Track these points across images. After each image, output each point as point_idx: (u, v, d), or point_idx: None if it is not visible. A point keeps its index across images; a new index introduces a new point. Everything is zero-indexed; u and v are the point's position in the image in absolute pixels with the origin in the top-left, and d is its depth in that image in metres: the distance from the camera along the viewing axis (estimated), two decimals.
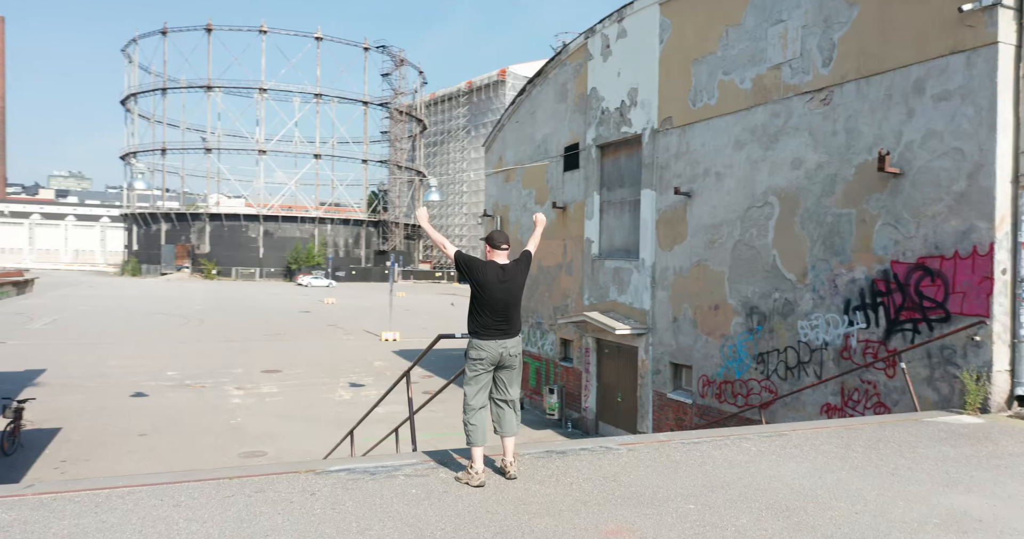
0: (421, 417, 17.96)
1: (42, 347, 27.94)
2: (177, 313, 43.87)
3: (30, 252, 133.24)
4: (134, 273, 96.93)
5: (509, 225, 20.67)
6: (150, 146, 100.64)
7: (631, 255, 15.11)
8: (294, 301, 56.86)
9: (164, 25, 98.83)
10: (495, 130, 21.77)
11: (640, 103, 14.72)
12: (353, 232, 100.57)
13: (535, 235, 5.90)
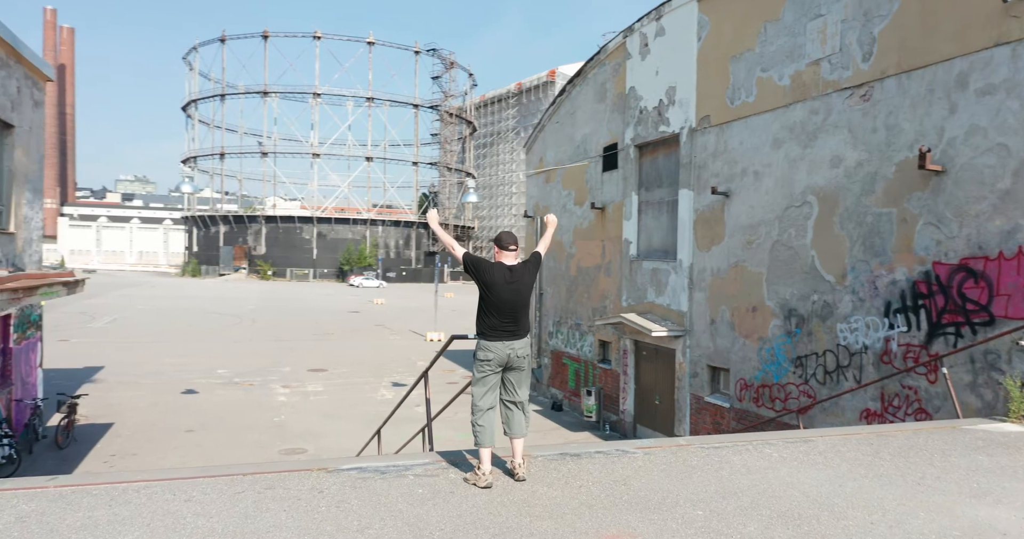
0: (453, 416, 18.10)
1: (102, 345, 29.03)
2: (231, 313, 45.10)
3: (97, 253, 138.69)
4: (194, 274, 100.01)
5: None
6: (209, 151, 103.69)
7: (669, 256, 14.91)
8: (344, 301, 57.85)
9: (223, 33, 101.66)
10: (536, 131, 21.76)
11: (678, 102, 14.52)
12: (403, 233, 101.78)
13: (546, 236, 5.86)
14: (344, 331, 36.40)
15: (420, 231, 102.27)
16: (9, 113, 13.69)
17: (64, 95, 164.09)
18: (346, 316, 45.10)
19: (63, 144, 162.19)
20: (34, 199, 15.28)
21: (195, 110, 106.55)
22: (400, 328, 38.58)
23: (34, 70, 14.96)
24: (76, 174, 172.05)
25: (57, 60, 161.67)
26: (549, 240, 5.90)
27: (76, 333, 32.74)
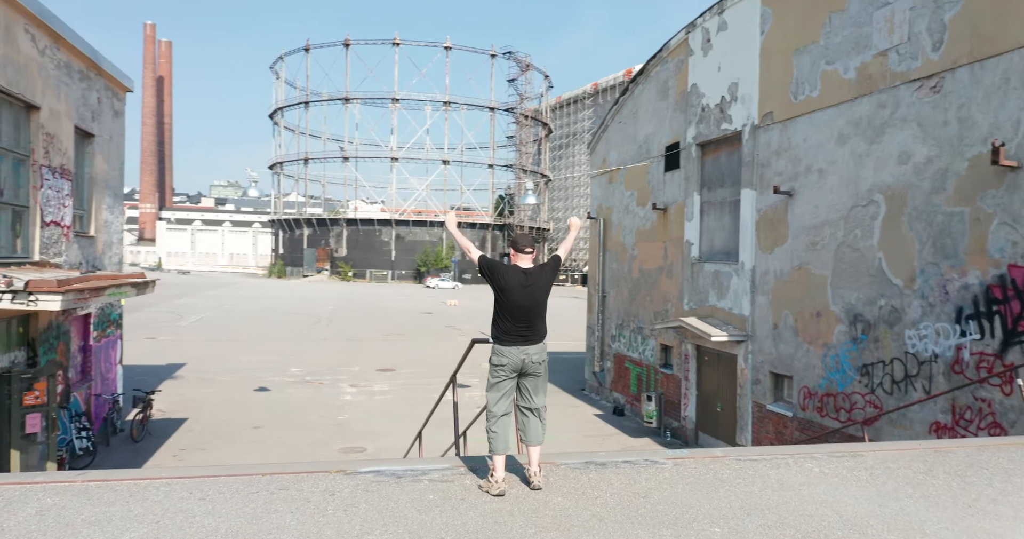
0: None
1: (186, 343, 30.40)
2: (310, 313, 46.50)
3: (192, 255, 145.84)
4: (279, 275, 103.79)
5: (612, 227, 20.30)
6: (295, 156, 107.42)
7: (731, 258, 14.40)
8: (419, 303, 58.76)
9: (307, 42, 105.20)
10: (599, 131, 21.48)
11: (740, 98, 14.01)
12: (479, 235, 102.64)
13: (568, 239, 5.71)
14: (415, 332, 36.94)
15: (495, 233, 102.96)
16: (90, 123, 14.46)
17: (162, 105, 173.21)
18: (419, 317, 45.79)
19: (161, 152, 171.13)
20: (114, 204, 16.10)
21: (281, 117, 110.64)
22: (470, 329, 38.85)
23: (114, 81, 15.76)
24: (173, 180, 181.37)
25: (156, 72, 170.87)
26: (571, 243, 5.74)
27: (164, 331, 34.41)
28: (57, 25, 12.43)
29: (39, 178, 12.06)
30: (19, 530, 4.19)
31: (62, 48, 12.84)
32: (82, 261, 14.12)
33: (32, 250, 12.00)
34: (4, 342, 11.31)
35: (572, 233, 5.75)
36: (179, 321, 39.24)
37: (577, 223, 5.85)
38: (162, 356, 26.45)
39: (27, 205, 11.91)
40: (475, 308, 53.89)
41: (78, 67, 13.70)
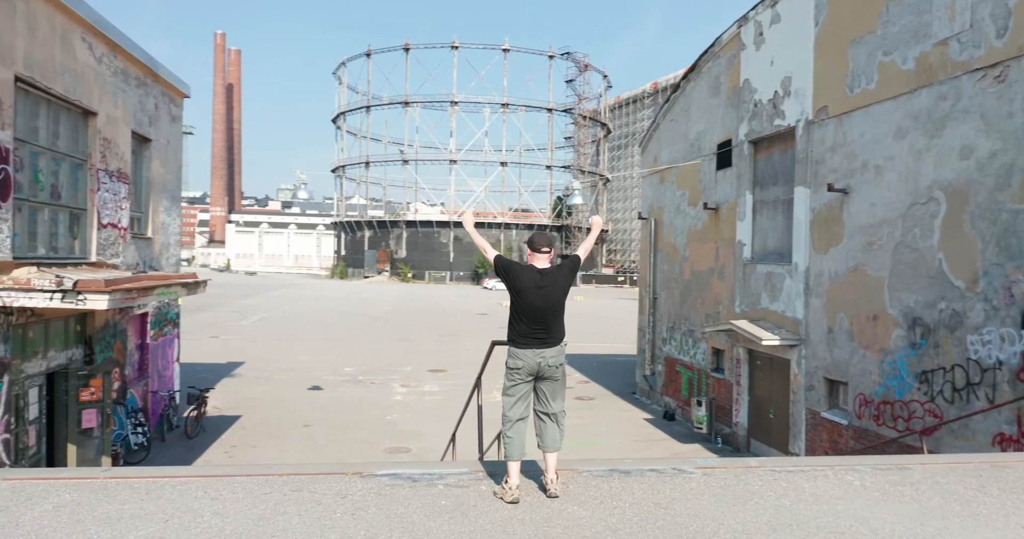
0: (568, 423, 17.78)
1: (247, 342, 31.21)
2: (367, 313, 47.21)
3: (259, 257, 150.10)
4: (341, 276, 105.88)
5: (663, 228, 19.87)
6: (356, 160, 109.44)
7: (784, 259, 13.88)
8: (475, 304, 59.02)
9: (368, 48, 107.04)
10: (650, 129, 21.07)
11: (794, 93, 13.49)
12: None
13: (588, 239, 5.51)
14: (469, 333, 37.05)
15: (553, 234, 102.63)
16: (147, 128, 14.92)
17: (231, 112, 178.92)
18: (474, 318, 45.95)
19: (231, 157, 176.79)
20: (171, 206, 16.58)
21: (343, 122, 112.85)
22: None
23: (171, 87, 16.24)
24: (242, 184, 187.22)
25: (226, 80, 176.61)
26: (592, 243, 5.54)
27: (227, 330, 35.41)
28: (114, 33, 12.85)
29: (96, 181, 12.48)
30: (32, 525, 4.25)
31: (119, 56, 13.26)
32: (139, 262, 14.57)
33: (89, 251, 12.42)
34: (62, 340, 11.73)
35: (593, 233, 5.56)
36: (242, 321, 40.35)
37: (598, 221, 5.65)
38: (223, 355, 27.19)
39: (84, 208, 12.33)
40: None
41: (135, 74, 14.14)
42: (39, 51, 10.37)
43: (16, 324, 9.91)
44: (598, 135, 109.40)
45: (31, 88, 10.38)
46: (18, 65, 9.81)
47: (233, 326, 37.39)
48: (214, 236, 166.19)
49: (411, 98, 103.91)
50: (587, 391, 22.06)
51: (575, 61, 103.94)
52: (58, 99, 11.17)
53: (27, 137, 10.49)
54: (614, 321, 45.81)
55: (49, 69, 10.68)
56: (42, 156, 11.01)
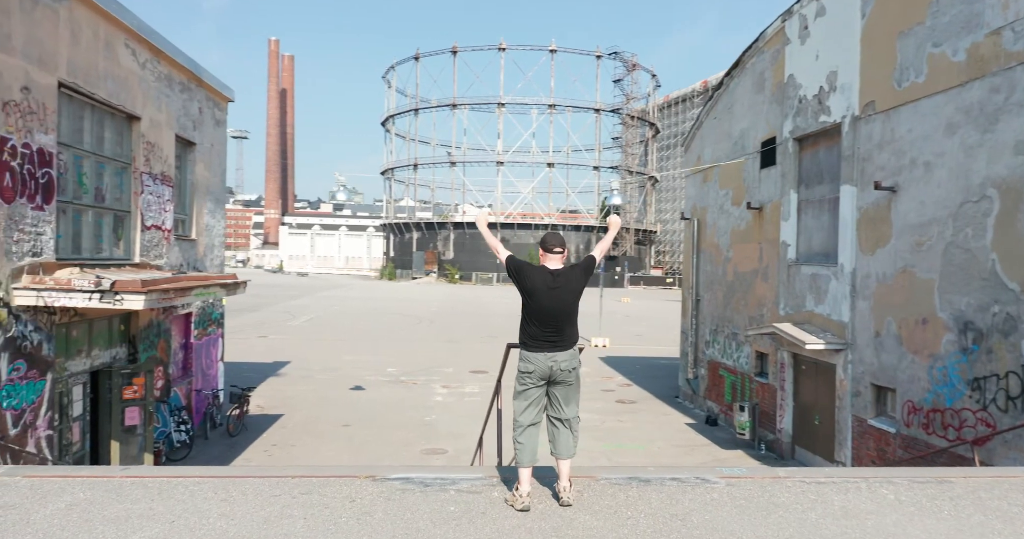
0: (600, 424, 17.56)
1: (294, 342, 31.72)
2: (413, 314, 47.57)
3: (311, 258, 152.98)
4: (390, 277, 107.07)
5: (706, 228, 19.45)
6: (405, 162, 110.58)
7: (829, 260, 13.40)
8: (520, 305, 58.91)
9: (416, 51, 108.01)
10: (693, 128, 20.65)
11: (840, 88, 13.02)
12: (584, 238, 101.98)
13: (605, 239, 5.35)
14: (512, 334, 36.79)
15: (600, 235, 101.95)
16: (191, 132, 15.24)
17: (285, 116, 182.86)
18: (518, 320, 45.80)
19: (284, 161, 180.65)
20: (215, 209, 16.91)
21: (392, 125, 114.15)
22: None
23: (215, 92, 16.56)
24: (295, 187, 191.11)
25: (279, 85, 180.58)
26: (608, 243, 5.38)
27: (276, 330, 36.06)
28: (157, 39, 13.14)
29: (140, 184, 12.77)
30: (43, 524, 4.29)
31: (162, 61, 13.56)
32: (183, 263, 14.87)
33: (133, 252, 12.71)
34: (105, 339, 12.03)
35: (610, 233, 5.38)
36: (291, 321, 41.07)
37: (616, 222, 5.48)
38: (270, 354, 27.68)
39: (128, 210, 12.62)
40: None
41: (179, 79, 14.45)
42: (82, 57, 10.64)
43: (59, 323, 10.18)
44: (646, 135, 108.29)
45: (75, 93, 10.66)
46: (61, 71, 10.08)
47: (282, 326, 38.06)
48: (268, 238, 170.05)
49: (459, 100, 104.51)
50: (629, 394, 21.74)
51: (623, 61, 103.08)
52: (102, 104, 11.46)
53: (72, 141, 10.79)
54: (660, 323, 45.17)
55: (92, 75, 10.96)
56: (87, 160, 11.31)
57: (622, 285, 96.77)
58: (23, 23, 9.17)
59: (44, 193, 9.71)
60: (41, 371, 9.75)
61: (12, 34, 8.98)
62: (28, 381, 9.46)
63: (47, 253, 9.79)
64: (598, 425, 17.74)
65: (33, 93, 9.42)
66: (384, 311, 49.54)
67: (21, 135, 9.18)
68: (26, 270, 9.32)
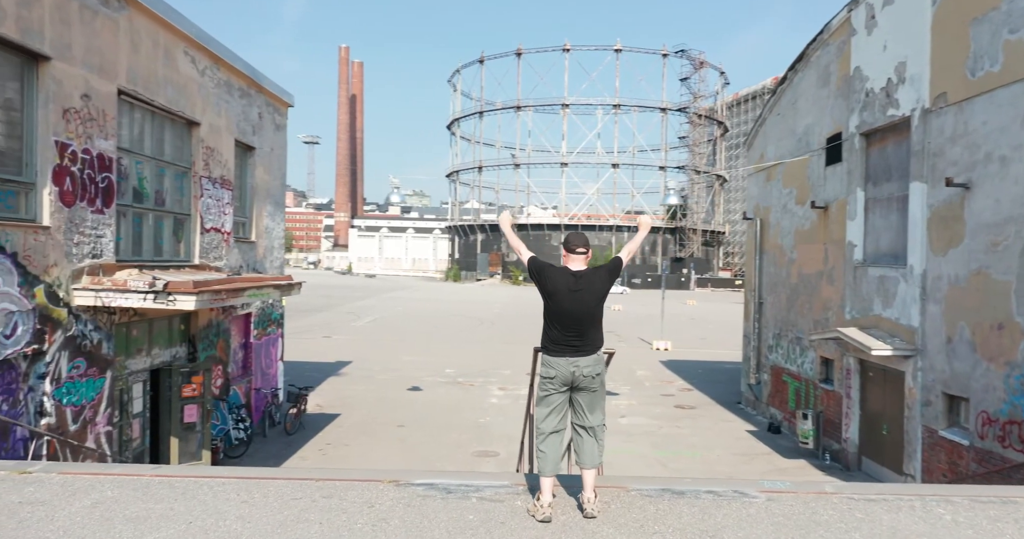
0: (656, 430, 17.13)
1: (357, 342, 32.25)
2: (474, 316, 47.77)
3: (379, 260, 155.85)
4: (455, 279, 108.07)
5: (769, 228, 18.78)
6: (469, 164, 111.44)
7: (898, 261, 12.70)
8: None
9: (481, 54, 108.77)
10: (756, 125, 19.99)
11: (908, 79, 12.32)
12: (650, 239, 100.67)
13: (634, 240, 5.11)
14: None
15: (667, 236, 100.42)
16: (250, 137, 15.60)
17: (354, 122, 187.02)
18: None
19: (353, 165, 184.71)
20: (275, 211, 17.27)
21: (457, 127, 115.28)
22: (628, 335, 37.97)
23: (274, 97, 16.93)
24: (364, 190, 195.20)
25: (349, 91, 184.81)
26: (637, 245, 5.14)
27: (340, 331, 36.76)
28: (216, 47, 13.48)
29: (199, 188, 13.12)
30: (65, 521, 4.35)
31: (222, 68, 13.90)
32: (243, 264, 15.23)
33: (192, 254, 13.07)
34: (166, 338, 12.39)
35: (640, 234, 5.14)
36: (355, 321, 41.83)
37: (647, 222, 5.23)
38: (333, 354, 28.19)
39: (188, 213, 12.98)
40: (639, 314, 52.73)
41: (238, 85, 14.80)
42: (142, 65, 10.98)
43: (119, 323, 10.52)
44: (714, 134, 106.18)
45: (135, 100, 11.01)
46: (121, 79, 10.41)
47: (346, 327, 38.78)
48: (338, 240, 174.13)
49: (523, 102, 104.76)
50: (689, 399, 21.20)
51: (690, 58, 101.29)
52: (161, 110, 11.81)
53: (133, 147, 11.15)
54: (726, 326, 44.01)
55: (152, 82, 11.30)
56: (147, 164, 11.67)
57: (688, 287, 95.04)
58: (83, 34, 9.50)
59: (104, 197, 10.04)
60: (101, 369, 10.08)
61: (73, 44, 9.31)
62: (87, 379, 9.79)
63: (107, 255, 10.12)
64: (655, 430, 17.35)
65: (93, 100, 9.76)
66: (446, 312, 49.94)
67: (81, 141, 9.52)
68: (86, 271, 9.65)
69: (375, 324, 40.71)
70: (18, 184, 8.59)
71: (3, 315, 8.10)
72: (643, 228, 5.20)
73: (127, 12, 10.56)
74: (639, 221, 5.29)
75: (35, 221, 8.78)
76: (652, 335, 36.90)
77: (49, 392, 8.93)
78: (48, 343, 8.90)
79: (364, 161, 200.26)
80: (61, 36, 9.08)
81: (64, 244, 9.22)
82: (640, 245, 5.19)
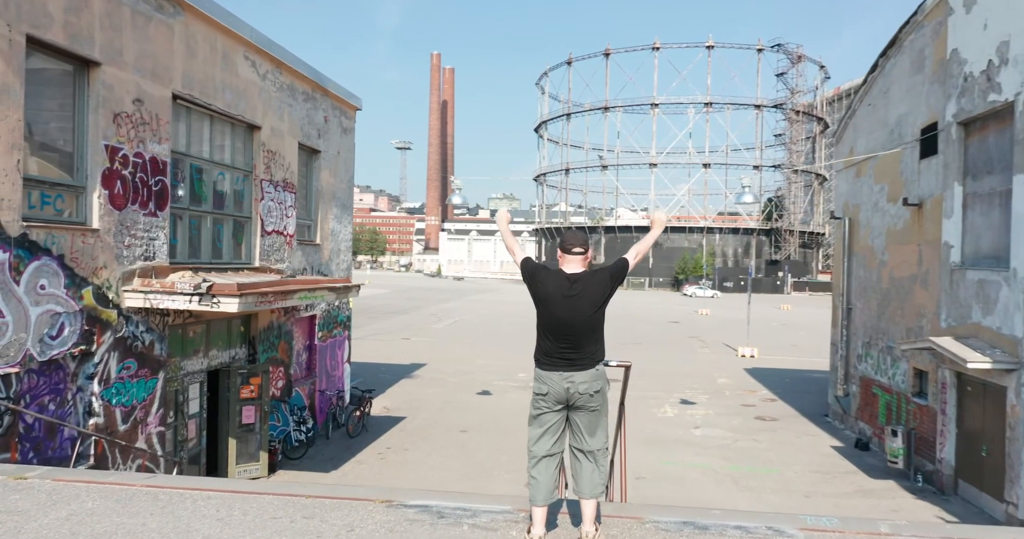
0: (740, 446, 16.09)
1: (434, 344, 32.36)
2: None
3: (468, 263, 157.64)
4: None
5: (859, 228, 17.41)
6: (557, 167, 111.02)
7: (1000, 264, 11.36)
8: (669, 311, 56.94)
9: (569, 56, 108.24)
10: (845, 117, 18.61)
11: (1012, 60, 11.00)
12: (743, 241, 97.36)
13: (644, 240, 4.50)
14: (653, 341, 35.59)
15: (761, 238, 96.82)
16: (315, 140, 15.69)
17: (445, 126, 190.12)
18: (663, 326, 44.19)
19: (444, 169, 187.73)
20: (342, 214, 17.35)
21: (545, 130, 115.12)
22: (714, 341, 36.53)
23: (341, 101, 17.00)
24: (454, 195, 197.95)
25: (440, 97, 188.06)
26: (648, 246, 4.53)
27: (420, 333, 37.05)
28: (278, 51, 13.57)
29: (260, 191, 13.22)
30: (34, 533, 4.17)
31: (284, 72, 14.00)
32: (306, 266, 15.31)
33: (253, 256, 13.18)
34: (225, 340, 12.53)
35: (652, 232, 4.53)
36: (436, 324, 42.11)
37: (661, 220, 4.62)
38: (409, 356, 28.33)
39: (249, 216, 13.10)
40: (726, 318, 50.76)
41: (302, 89, 14.89)
42: (199, 69, 11.09)
43: (173, 324, 10.64)
44: (813, 131, 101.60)
45: (192, 104, 11.14)
46: (176, 83, 10.53)
47: (426, 329, 39.07)
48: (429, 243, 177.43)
49: (611, 103, 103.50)
50: (771, 410, 19.97)
51: (787, 53, 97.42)
52: (220, 114, 11.93)
53: (191, 150, 11.29)
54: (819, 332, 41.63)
55: (209, 86, 11.41)
56: (206, 168, 11.82)
57: (784, 291, 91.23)
58: (135, 39, 9.62)
59: (157, 200, 10.16)
60: (153, 370, 10.20)
61: (124, 49, 9.43)
62: (139, 379, 9.91)
63: (159, 257, 10.23)
64: (730, 444, 16.36)
65: (146, 104, 9.88)
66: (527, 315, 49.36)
67: (133, 145, 9.64)
68: (138, 273, 9.77)
69: (455, 326, 40.85)
70: (68, 187, 8.74)
71: (49, 316, 8.23)
72: (656, 226, 4.60)
73: (182, 18, 10.67)
74: (652, 219, 4.69)
75: (84, 224, 8.91)
76: (738, 341, 35.34)
77: (97, 392, 9.06)
78: (97, 344, 9.02)
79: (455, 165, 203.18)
80: (112, 41, 9.20)
81: (114, 246, 9.34)
82: (651, 245, 4.58)
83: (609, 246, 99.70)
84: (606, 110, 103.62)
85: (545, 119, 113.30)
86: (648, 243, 4.49)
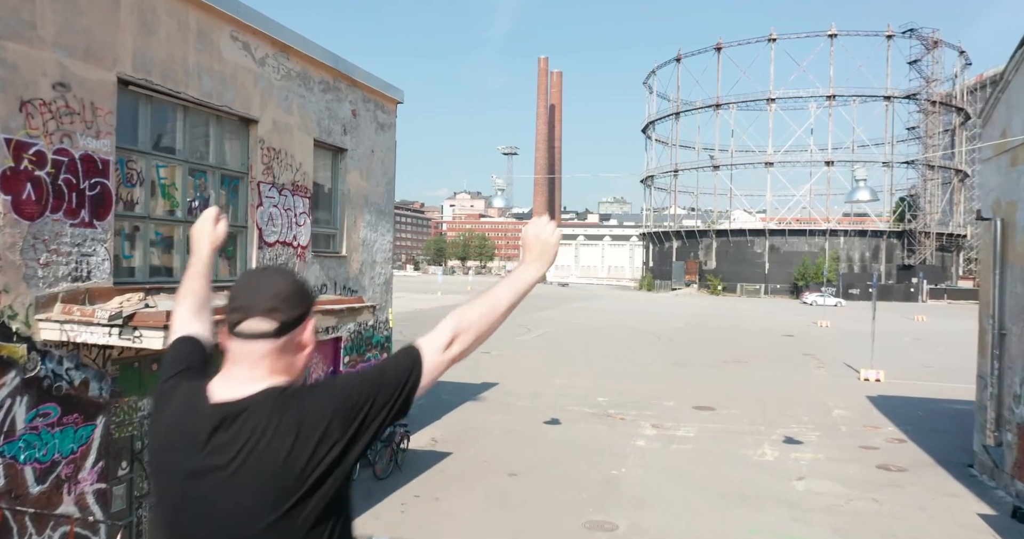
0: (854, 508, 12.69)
1: (514, 359, 30.04)
2: (654, 331, 43.84)
3: (575, 268, 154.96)
4: (649, 288, 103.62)
5: (1015, 231, 13.57)
6: (665, 168, 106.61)
7: None
8: (783, 322, 52.08)
9: (678, 52, 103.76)
10: (996, 91, 14.73)
11: None
12: (871, 244, 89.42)
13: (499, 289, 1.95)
14: (761, 359, 31.73)
15: (892, 241, 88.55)
16: (340, 137, 13.76)
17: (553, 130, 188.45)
18: (775, 340, 39.91)
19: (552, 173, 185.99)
20: (376, 221, 15.31)
21: (653, 131, 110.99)
22: (831, 360, 32.20)
23: (375, 93, 15.02)
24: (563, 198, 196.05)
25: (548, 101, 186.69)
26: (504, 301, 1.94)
27: (502, 346, 34.76)
28: (283, 33, 11.70)
29: (258, 195, 11.35)
30: None
31: (293, 57, 12.11)
32: (325, 282, 13.36)
33: None
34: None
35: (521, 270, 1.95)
36: (523, 335, 39.79)
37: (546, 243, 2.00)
38: (483, 374, 26.09)
39: (244, 225, 11.25)
40: (849, 331, 45.59)
41: (319, 77, 12.96)
42: (160, 50, 9.25)
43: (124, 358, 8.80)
44: (952, 123, 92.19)
45: (151, 92, 9.30)
46: (124, 65, 8.70)
47: (511, 341, 36.79)
48: None
49: (723, 100, 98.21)
50: (899, 456, 16.23)
51: (920, 38, 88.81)
52: (197, 104, 10.07)
53: (151, 147, 9.49)
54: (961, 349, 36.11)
55: (177, 70, 9.56)
56: (178, 167, 9.99)
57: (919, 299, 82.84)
58: (56, 10, 7.82)
59: (94, 207, 8.33)
60: (88, 415, 8.36)
61: (37, 22, 7.64)
62: (66, 427, 8.09)
63: (98, 276, 8.40)
64: (841, 505, 12.97)
65: (73, 90, 8.06)
66: (623, 326, 46.49)
67: (52, 139, 7.83)
68: (61, 298, 7.95)
69: (542, 338, 38.40)
70: None
71: None
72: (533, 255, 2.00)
73: None
74: (525, 243, 2.08)
75: None
76: (861, 360, 30.83)
77: None
78: None
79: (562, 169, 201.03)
80: (17, 10, 7.41)
81: (21, 265, 7.53)
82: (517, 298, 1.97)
83: (721, 250, 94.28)
84: (717, 107, 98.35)
85: (653, 119, 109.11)
86: (505, 296, 1.89)
